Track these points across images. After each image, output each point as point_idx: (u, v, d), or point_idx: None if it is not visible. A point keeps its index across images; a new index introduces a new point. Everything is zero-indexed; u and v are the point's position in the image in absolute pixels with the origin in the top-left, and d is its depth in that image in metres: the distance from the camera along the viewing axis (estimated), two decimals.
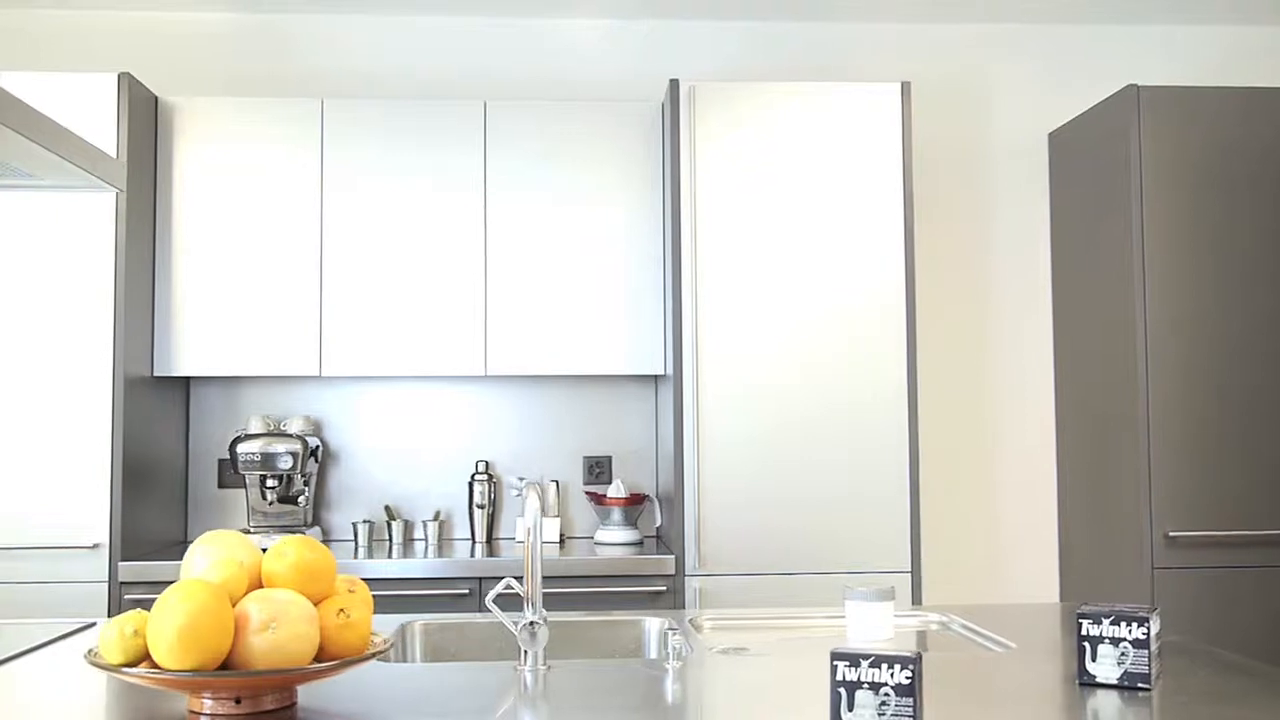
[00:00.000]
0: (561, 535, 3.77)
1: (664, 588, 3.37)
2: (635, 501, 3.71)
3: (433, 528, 3.74)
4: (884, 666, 1.39)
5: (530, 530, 1.84)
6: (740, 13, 3.98)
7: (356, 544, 3.69)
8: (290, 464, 3.56)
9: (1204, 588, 3.43)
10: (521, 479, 3.90)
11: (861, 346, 3.42)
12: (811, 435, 3.40)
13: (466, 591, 3.34)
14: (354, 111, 3.61)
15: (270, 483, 3.59)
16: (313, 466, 3.70)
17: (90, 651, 1.50)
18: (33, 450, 3.31)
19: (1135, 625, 1.65)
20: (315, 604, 1.57)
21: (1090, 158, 3.78)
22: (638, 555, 3.43)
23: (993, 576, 3.99)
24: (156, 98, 3.58)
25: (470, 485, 3.80)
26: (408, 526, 3.78)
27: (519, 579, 3.34)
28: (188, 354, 3.56)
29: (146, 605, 3.29)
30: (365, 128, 3.61)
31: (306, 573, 1.56)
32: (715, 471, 3.38)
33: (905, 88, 3.47)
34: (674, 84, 3.46)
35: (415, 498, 3.90)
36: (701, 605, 3.35)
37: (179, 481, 3.81)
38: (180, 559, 3.38)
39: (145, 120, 3.51)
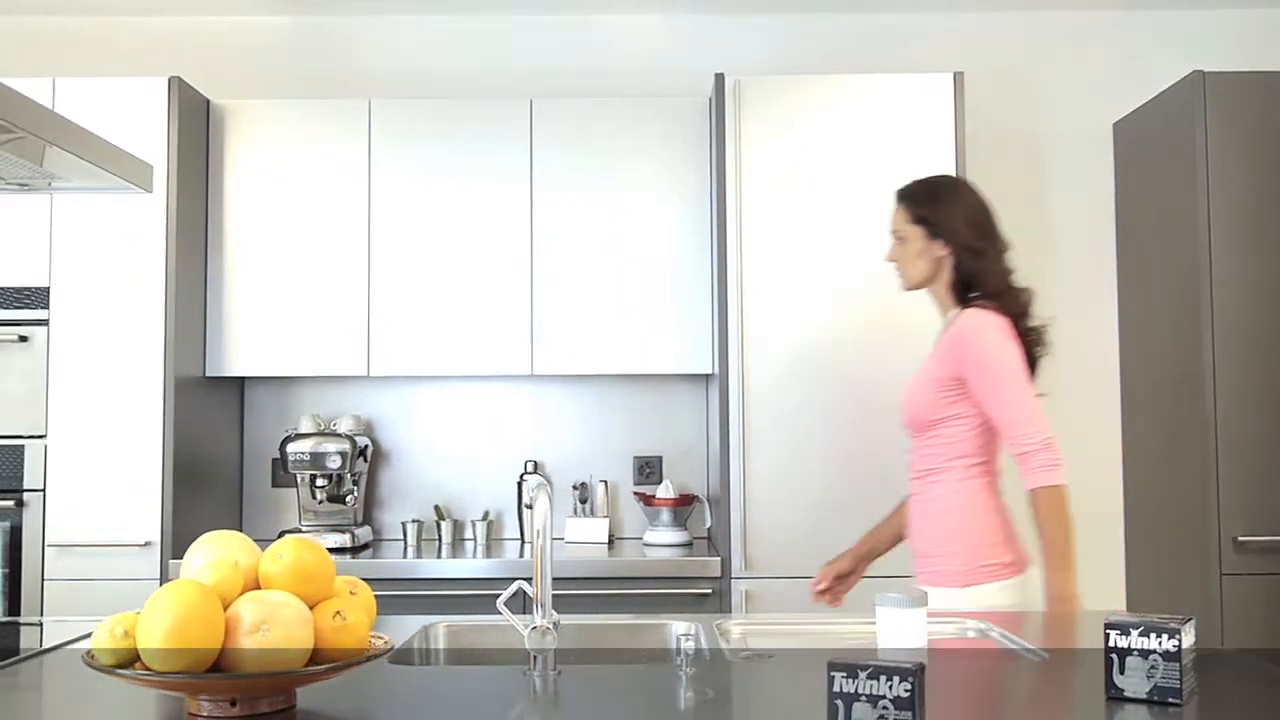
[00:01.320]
0: (610, 536, 3.74)
1: (710, 590, 3.31)
2: (684, 502, 3.67)
3: (481, 527, 3.73)
4: (883, 678, 1.33)
5: (539, 532, 1.81)
6: (789, 5, 3.91)
7: (406, 543, 3.69)
8: (339, 463, 3.58)
9: (1275, 594, 3.27)
10: (539, 483, 3.86)
11: (913, 344, 3.32)
12: (862, 435, 3.32)
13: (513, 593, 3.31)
14: (401, 111, 3.61)
15: (320, 482, 3.61)
16: (362, 466, 3.71)
17: (87, 653, 1.50)
18: (88, 449, 3.36)
19: (1165, 637, 1.56)
20: (312, 606, 1.55)
21: (1156, 147, 3.64)
22: (684, 557, 3.39)
23: None
24: (208, 101, 3.62)
25: (519, 485, 3.78)
26: (457, 526, 3.77)
27: (529, 580, 3.31)
28: (239, 354, 3.59)
29: None
30: (412, 127, 3.61)
31: (302, 574, 1.54)
32: (763, 472, 3.32)
33: (958, 78, 3.38)
34: (719, 78, 3.41)
35: (465, 497, 3.89)
36: (749, 609, 3.29)
37: (234, 480, 3.85)
38: None
39: (196, 123, 3.55)
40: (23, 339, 3.36)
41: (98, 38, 3.96)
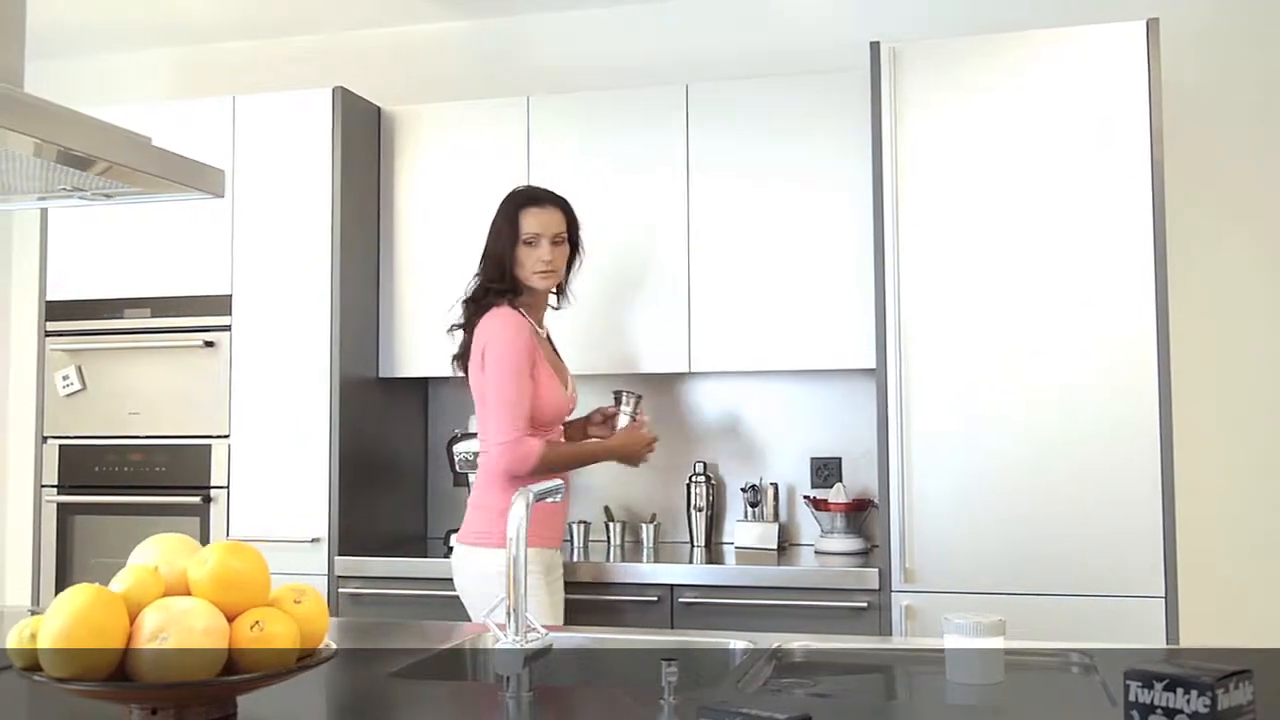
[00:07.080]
0: (782, 542, 3.53)
1: (866, 604, 3.04)
2: (858, 508, 3.41)
3: (648, 530, 3.61)
4: None
5: (512, 541, 1.67)
6: None
7: (573, 545, 3.63)
8: None
9: None
10: (521, 491, 3.69)
11: (1096, 337, 2.92)
12: (1041, 437, 2.95)
13: (655, 599, 3.18)
14: (556, 106, 3.56)
15: None
16: None
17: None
18: (266, 449, 3.50)
19: (1195, 694, 1.23)
20: (238, 614, 1.49)
21: None
22: (841, 568, 3.14)
23: None
24: (379, 109, 3.70)
25: (688, 487, 3.63)
26: (624, 528, 3.67)
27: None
28: (410, 355, 3.65)
29: (362, 600, 3.39)
30: (568, 121, 3.55)
31: (225, 581, 1.49)
32: (927, 476, 3.01)
33: (1151, 25, 2.94)
34: (874, 47, 3.13)
35: (633, 499, 3.78)
36: (909, 626, 2.99)
37: (419, 479, 3.93)
38: (409, 555, 3.50)
39: (365, 130, 3.63)
40: (209, 344, 3.55)
41: (274, 57, 4.15)
